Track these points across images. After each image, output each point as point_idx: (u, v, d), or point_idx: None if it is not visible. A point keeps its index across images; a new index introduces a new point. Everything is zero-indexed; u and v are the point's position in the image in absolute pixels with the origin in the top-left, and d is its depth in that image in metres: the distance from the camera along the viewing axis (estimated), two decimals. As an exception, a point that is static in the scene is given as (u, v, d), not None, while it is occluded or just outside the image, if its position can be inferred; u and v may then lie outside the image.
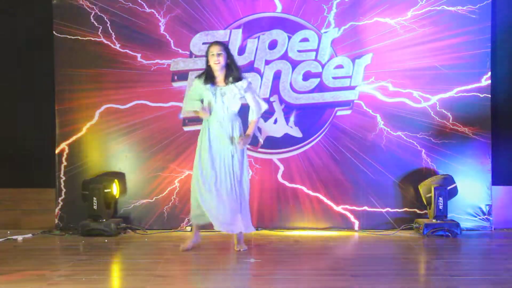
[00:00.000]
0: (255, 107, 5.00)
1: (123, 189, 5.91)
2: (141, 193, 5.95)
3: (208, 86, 4.92)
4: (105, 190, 5.68)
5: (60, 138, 5.94)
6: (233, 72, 4.93)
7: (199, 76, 5.01)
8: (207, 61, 4.94)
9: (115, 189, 5.77)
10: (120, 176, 5.90)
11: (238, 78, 4.93)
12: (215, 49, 4.89)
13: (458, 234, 5.58)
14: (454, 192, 5.73)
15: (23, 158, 6.06)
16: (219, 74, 4.92)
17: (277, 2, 5.91)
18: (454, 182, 5.72)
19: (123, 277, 4.30)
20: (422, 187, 5.75)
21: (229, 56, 4.94)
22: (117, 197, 5.82)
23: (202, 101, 4.98)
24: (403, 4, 5.88)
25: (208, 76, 4.94)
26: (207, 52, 4.95)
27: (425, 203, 5.75)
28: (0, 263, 4.57)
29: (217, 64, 4.87)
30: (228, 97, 4.92)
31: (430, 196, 5.64)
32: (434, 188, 5.60)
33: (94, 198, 5.64)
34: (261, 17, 5.93)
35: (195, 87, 5.00)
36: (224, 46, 4.98)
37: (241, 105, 5.01)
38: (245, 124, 5.05)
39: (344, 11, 5.89)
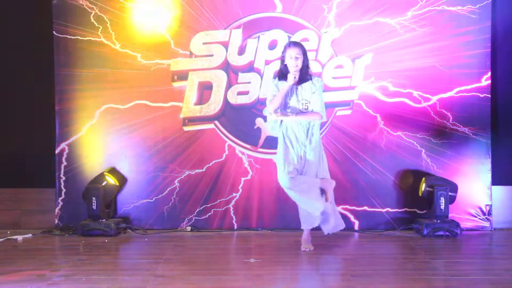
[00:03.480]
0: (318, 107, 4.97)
1: (121, 178, 5.88)
2: (141, 193, 5.95)
3: (284, 83, 4.92)
4: (103, 184, 5.68)
5: (60, 138, 5.94)
6: (306, 73, 4.95)
7: (276, 76, 5.07)
8: (283, 60, 4.96)
9: (110, 180, 5.75)
10: (111, 170, 5.88)
11: (310, 79, 4.97)
12: (294, 52, 4.90)
13: (458, 234, 5.58)
14: (454, 194, 5.73)
15: (23, 158, 6.06)
16: (296, 74, 4.91)
17: (277, 2, 5.91)
18: (456, 189, 5.71)
19: (123, 277, 4.30)
20: (422, 187, 5.74)
21: (306, 58, 4.94)
22: (117, 184, 5.80)
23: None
24: (403, 4, 5.88)
25: (283, 75, 4.95)
26: (284, 52, 4.95)
27: (426, 199, 5.75)
28: (0, 263, 4.57)
29: (295, 68, 4.89)
30: (304, 96, 4.94)
31: (431, 196, 5.63)
32: (435, 188, 5.59)
33: (93, 198, 5.64)
34: (261, 17, 5.93)
35: (275, 87, 4.98)
36: (303, 48, 4.96)
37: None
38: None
39: (344, 11, 5.89)
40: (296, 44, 4.99)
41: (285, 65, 4.95)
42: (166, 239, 5.56)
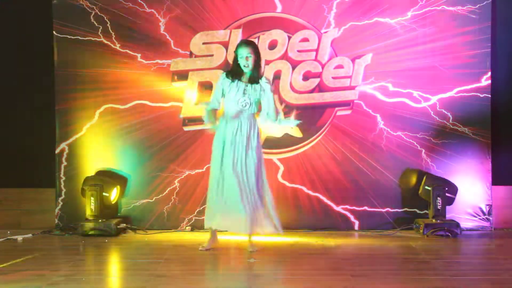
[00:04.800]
0: (270, 109, 4.93)
1: (123, 194, 5.90)
2: (141, 193, 5.95)
3: (232, 82, 4.89)
4: (103, 193, 5.68)
5: (60, 138, 5.94)
6: (256, 72, 4.90)
7: (226, 73, 4.98)
8: (236, 59, 4.90)
9: (114, 194, 5.76)
10: (122, 181, 5.88)
11: (259, 80, 4.90)
12: (245, 52, 4.84)
13: (458, 234, 5.58)
14: (453, 196, 5.73)
15: (23, 158, 6.07)
16: (245, 73, 4.90)
17: (277, 2, 5.91)
18: (455, 191, 5.71)
19: (123, 277, 4.30)
20: (422, 187, 5.75)
21: (257, 58, 4.89)
22: (112, 202, 5.81)
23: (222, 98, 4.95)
24: (403, 4, 5.88)
25: (234, 73, 4.91)
26: (236, 51, 4.91)
27: (425, 202, 5.75)
28: (0, 263, 4.57)
29: (246, 67, 4.86)
30: (250, 95, 4.88)
31: (429, 196, 5.63)
32: (433, 188, 5.60)
33: (92, 198, 5.64)
34: (261, 17, 5.93)
35: (221, 83, 4.94)
36: (255, 47, 4.92)
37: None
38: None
39: (344, 11, 5.89)
40: (248, 43, 4.96)
41: (237, 64, 4.91)
42: (166, 239, 5.55)
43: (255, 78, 4.89)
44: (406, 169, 5.91)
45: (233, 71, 4.92)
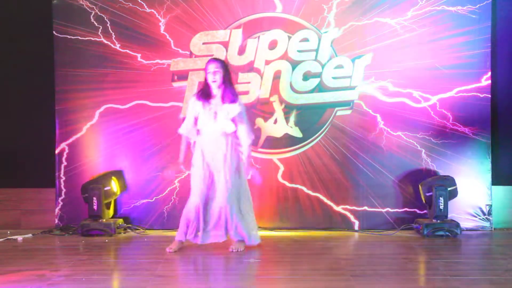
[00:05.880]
0: (243, 136, 4.97)
1: (123, 186, 5.90)
2: (141, 193, 5.95)
3: (203, 103, 4.93)
4: (105, 188, 5.68)
5: (60, 138, 5.94)
6: (228, 92, 4.91)
7: (195, 93, 5.04)
8: (205, 78, 4.96)
9: (114, 186, 5.77)
10: (118, 173, 5.89)
11: (232, 100, 4.91)
12: (212, 67, 4.90)
13: (458, 234, 5.58)
14: (454, 193, 5.73)
15: (23, 158, 6.07)
16: (217, 92, 4.94)
17: (277, 2, 5.91)
18: (455, 184, 5.71)
19: (123, 277, 4.30)
20: (422, 187, 5.75)
21: (226, 74, 4.93)
22: (117, 193, 5.81)
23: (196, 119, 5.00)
24: (403, 4, 5.88)
25: (204, 93, 4.95)
26: (205, 69, 4.97)
27: (426, 203, 5.75)
28: (0, 263, 4.57)
29: (214, 83, 4.89)
30: (221, 117, 4.91)
31: (431, 196, 5.63)
32: (435, 188, 5.60)
33: (94, 198, 5.64)
34: (261, 17, 5.93)
35: (192, 107, 4.99)
36: (222, 63, 4.98)
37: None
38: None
39: (344, 11, 5.89)
40: (216, 59, 5.04)
41: (207, 83, 4.95)
42: (166, 239, 5.55)
43: (227, 97, 4.91)
44: (406, 170, 5.90)
45: (204, 91, 4.97)
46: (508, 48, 6.01)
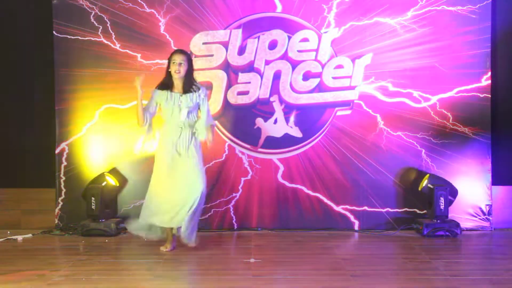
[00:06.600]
0: (203, 118, 5.05)
1: (122, 179, 5.89)
2: (141, 193, 5.92)
3: (167, 92, 5.01)
4: (102, 184, 5.68)
5: (60, 138, 5.94)
6: (189, 82, 5.00)
7: (158, 86, 5.08)
8: (167, 67, 5.03)
9: (111, 180, 5.76)
10: (112, 170, 5.88)
11: (193, 90, 5.00)
12: (178, 58, 4.96)
13: (458, 234, 5.58)
14: (454, 195, 5.73)
15: (23, 158, 6.06)
16: (178, 83, 5.01)
17: (277, 2, 5.91)
18: (455, 193, 5.72)
19: (123, 277, 4.30)
20: (422, 187, 5.75)
21: (190, 68, 5.01)
22: (117, 184, 5.80)
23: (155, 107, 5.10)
24: (403, 4, 5.88)
25: (166, 84, 5.03)
26: (169, 58, 5.03)
27: (425, 203, 5.75)
28: (0, 263, 4.57)
29: (177, 74, 4.96)
30: (184, 107, 4.97)
31: (431, 196, 5.63)
32: (435, 188, 5.60)
33: (93, 198, 5.64)
34: (261, 17, 5.93)
35: (154, 99, 5.05)
36: (188, 56, 5.05)
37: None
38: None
39: (344, 11, 5.89)
40: (183, 51, 5.08)
41: (169, 72, 5.01)
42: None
43: (188, 87, 4.99)
44: (407, 167, 5.90)
45: (165, 82, 5.04)
46: (508, 48, 6.01)
